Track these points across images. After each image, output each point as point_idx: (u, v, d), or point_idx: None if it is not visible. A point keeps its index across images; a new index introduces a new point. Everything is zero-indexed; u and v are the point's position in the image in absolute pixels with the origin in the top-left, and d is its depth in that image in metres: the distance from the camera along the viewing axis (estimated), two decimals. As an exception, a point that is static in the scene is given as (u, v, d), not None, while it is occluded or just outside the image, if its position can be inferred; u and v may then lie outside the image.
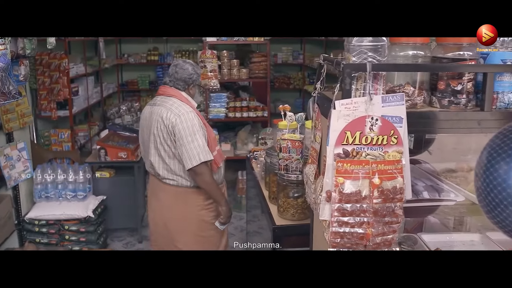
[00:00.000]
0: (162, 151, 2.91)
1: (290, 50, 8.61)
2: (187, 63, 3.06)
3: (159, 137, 2.89)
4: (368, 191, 1.46)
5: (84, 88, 6.18)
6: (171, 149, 2.88)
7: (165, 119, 2.83)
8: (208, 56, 5.02)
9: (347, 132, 1.45)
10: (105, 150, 4.58)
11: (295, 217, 2.76)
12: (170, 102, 2.91)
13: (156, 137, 2.90)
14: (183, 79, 2.98)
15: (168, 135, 2.85)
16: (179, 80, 2.97)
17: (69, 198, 4.26)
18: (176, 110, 2.85)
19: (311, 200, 1.95)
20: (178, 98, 2.93)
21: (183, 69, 2.99)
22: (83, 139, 6.15)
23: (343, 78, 1.43)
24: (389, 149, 1.47)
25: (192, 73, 2.99)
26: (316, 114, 1.87)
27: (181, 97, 2.95)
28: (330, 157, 1.47)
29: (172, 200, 3.00)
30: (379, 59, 1.48)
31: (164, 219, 3.05)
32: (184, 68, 2.99)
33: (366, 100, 1.44)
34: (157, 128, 2.88)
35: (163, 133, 2.86)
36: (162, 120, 2.85)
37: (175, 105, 2.88)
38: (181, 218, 3.00)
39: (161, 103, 2.93)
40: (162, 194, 3.03)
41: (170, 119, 2.82)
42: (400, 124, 1.47)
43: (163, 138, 2.87)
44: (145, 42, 8.32)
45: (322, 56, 1.85)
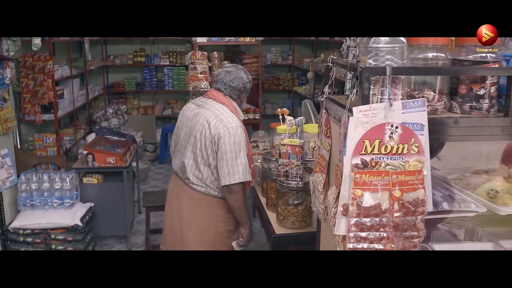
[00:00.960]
0: (199, 157, 2.76)
1: (279, 50, 8.52)
2: (241, 70, 2.91)
3: (200, 142, 2.73)
4: (388, 204, 1.36)
5: (70, 90, 5.99)
6: (209, 158, 2.74)
7: (213, 127, 2.68)
8: (198, 57, 4.90)
9: (365, 141, 1.35)
10: (93, 155, 4.42)
11: (296, 225, 2.66)
12: (220, 110, 2.75)
13: (197, 141, 2.75)
14: (239, 88, 2.85)
15: (211, 143, 2.70)
16: (235, 89, 2.84)
17: (56, 206, 4.09)
18: (226, 121, 2.70)
19: (318, 210, 1.85)
20: (229, 108, 2.78)
21: (239, 78, 2.85)
22: (68, 144, 5.96)
23: (361, 83, 1.33)
24: (410, 159, 1.37)
25: (247, 82, 2.87)
26: (325, 120, 1.77)
27: (231, 107, 2.80)
28: (347, 167, 1.36)
29: (194, 206, 2.87)
30: (398, 62, 1.38)
31: (181, 223, 2.92)
32: (240, 77, 2.85)
33: (386, 106, 1.34)
34: (201, 133, 2.73)
35: (206, 140, 2.71)
36: (209, 126, 2.70)
37: (225, 114, 2.73)
38: (198, 226, 2.88)
39: (210, 108, 2.77)
40: (185, 197, 2.89)
41: (218, 128, 2.67)
42: (421, 132, 1.37)
43: (204, 145, 2.73)
44: (132, 43, 8.15)
45: (330, 59, 1.74)
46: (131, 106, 8.25)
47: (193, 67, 4.89)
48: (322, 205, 1.79)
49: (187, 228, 2.90)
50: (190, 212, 2.88)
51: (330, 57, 1.76)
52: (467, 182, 1.95)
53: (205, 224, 2.87)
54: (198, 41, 5.13)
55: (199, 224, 2.88)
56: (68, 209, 4.11)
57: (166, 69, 8.19)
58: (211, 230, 2.87)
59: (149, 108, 8.36)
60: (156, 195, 4.55)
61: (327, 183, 1.76)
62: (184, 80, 8.11)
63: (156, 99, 8.52)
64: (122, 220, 4.60)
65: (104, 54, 8.13)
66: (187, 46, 8.30)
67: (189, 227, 2.90)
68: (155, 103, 8.46)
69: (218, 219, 2.87)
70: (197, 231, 2.88)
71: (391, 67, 1.32)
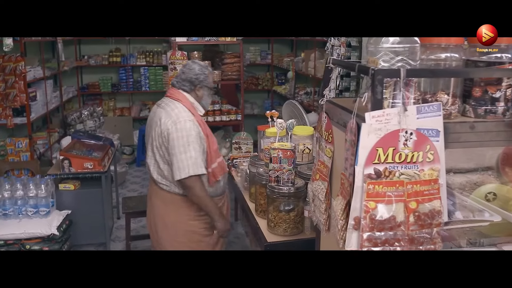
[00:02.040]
0: (157, 155, 2.80)
1: (258, 50, 8.40)
2: (195, 63, 2.92)
3: (155, 140, 2.77)
4: (403, 217, 1.26)
5: (43, 92, 5.74)
6: (165, 155, 2.76)
7: (163, 124, 2.71)
8: (178, 57, 4.75)
9: (378, 149, 1.25)
10: (69, 160, 4.22)
11: (287, 232, 2.55)
12: (172, 106, 2.76)
13: (153, 140, 2.79)
14: (188, 79, 2.83)
15: (163, 140, 2.73)
16: (185, 80, 2.83)
17: (30, 215, 3.88)
18: (175, 116, 2.70)
19: (319, 220, 1.74)
20: (183, 103, 2.78)
21: (190, 69, 2.85)
22: (42, 148, 5.71)
23: (373, 86, 1.22)
24: (425, 167, 1.28)
25: (199, 73, 2.84)
26: (326, 124, 1.66)
27: (186, 102, 2.80)
28: (359, 178, 1.26)
29: (163, 206, 2.88)
30: (411, 64, 1.29)
31: (155, 224, 2.93)
32: (191, 68, 2.85)
33: (400, 111, 1.24)
34: (155, 131, 2.77)
35: (159, 137, 2.74)
36: (160, 124, 2.73)
37: (176, 110, 2.73)
38: (170, 226, 2.87)
39: (164, 106, 2.79)
40: (155, 198, 2.92)
41: (166, 125, 2.70)
42: (437, 138, 1.28)
43: (159, 142, 2.76)
44: (107, 43, 7.89)
45: (331, 59, 1.64)
46: (106, 107, 8.01)
47: (173, 67, 4.74)
48: (324, 215, 1.69)
49: (161, 228, 2.90)
50: (161, 212, 2.89)
51: (329, 58, 1.65)
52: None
53: (177, 224, 2.85)
54: (178, 41, 4.97)
55: (171, 225, 2.86)
56: (44, 217, 3.91)
57: (142, 69, 7.98)
58: (183, 230, 2.85)
59: (125, 109, 8.14)
60: (136, 200, 4.39)
61: (329, 192, 1.66)
62: (161, 81, 7.92)
63: (133, 100, 8.30)
64: (101, 227, 4.43)
65: (78, 54, 7.86)
66: (164, 45, 8.10)
67: (162, 228, 2.90)
68: (131, 104, 8.23)
69: (189, 218, 2.84)
70: (169, 231, 2.87)
71: (405, 69, 1.22)
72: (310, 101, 6.23)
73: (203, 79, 2.84)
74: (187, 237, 2.85)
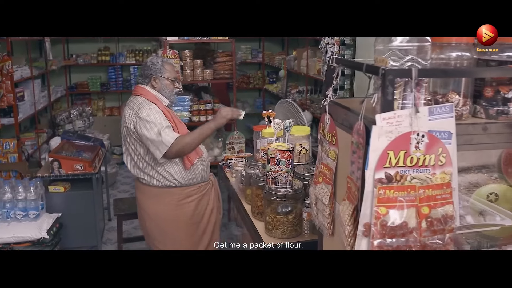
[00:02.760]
0: (130, 150, 2.91)
1: (249, 48, 8.34)
2: (151, 57, 3.11)
3: (126, 136, 2.89)
4: (415, 223, 1.21)
5: (30, 92, 5.62)
6: (136, 148, 2.87)
7: (128, 119, 2.82)
8: (169, 56, 4.67)
9: (389, 152, 1.20)
10: (59, 162, 4.12)
11: (286, 235, 2.50)
12: (134, 101, 2.87)
13: (124, 137, 2.91)
14: (143, 73, 2.95)
15: (131, 135, 2.83)
16: (141, 75, 2.96)
17: (19, 218, 3.78)
18: (136, 108, 2.81)
19: (323, 224, 1.69)
20: (145, 96, 2.87)
21: (144, 64, 2.99)
22: (30, 149, 5.60)
23: (384, 86, 1.17)
24: (437, 171, 1.23)
25: (150, 65, 2.93)
26: (330, 125, 1.61)
27: (148, 95, 2.89)
28: (370, 183, 1.21)
29: (144, 199, 3.00)
30: (422, 63, 1.24)
31: (143, 218, 3.06)
32: (145, 63, 3.00)
33: (411, 113, 1.19)
34: (124, 128, 2.89)
35: (128, 133, 2.85)
36: (125, 120, 2.85)
37: (137, 103, 2.84)
38: (155, 218, 2.97)
39: (128, 103, 2.91)
40: (138, 193, 3.06)
41: (131, 118, 2.80)
42: (449, 140, 1.23)
43: (128, 138, 2.87)
44: (95, 42, 7.77)
45: (334, 58, 1.58)
46: (96, 107, 7.89)
47: (165, 67, 4.65)
48: (328, 219, 1.64)
49: (148, 222, 3.01)
50: (145, 206, 3.00)
51: (333, 56, 1.60)
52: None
53: (161, 215, 2.94)
54: (169, 39, 4.89)
55: (156, 217, 2.96)
56: (33, 221, 3.81)
57: (132, 68, 7.87)
58: (168, 220, 2.93)
59: (115, 109, 8.02)
60: (128, 202, 4.29)
61: (334, 196, 1.60)
62: (151, 80, 7.82)
63: (122, 99, 8.18)
64: (92, 230, 4.33)
65: (66, 53, 7.73)
66: (154, 44, 8.00)
67: (148, 221, 3.00)
68: (121, 104, 8.12)
69: (172, 207, 2.92)
70: (156, 223, 2.97)
71: (417, 68, 1.17)
72: (302, 99, 6.18)
73: (155, 70, 2.90)
74: (173, 226, 2.94)
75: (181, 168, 2.88)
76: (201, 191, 2.99)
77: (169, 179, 2.88)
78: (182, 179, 2.90)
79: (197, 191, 2.97)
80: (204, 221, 3.04)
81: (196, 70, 5.03)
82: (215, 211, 3.12)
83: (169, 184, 2.89)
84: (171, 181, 2.89)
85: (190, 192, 2.94)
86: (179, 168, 2.88)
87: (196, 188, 2.96)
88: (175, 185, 2.90)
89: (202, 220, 3.02)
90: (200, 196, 2.99)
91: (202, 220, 3.02)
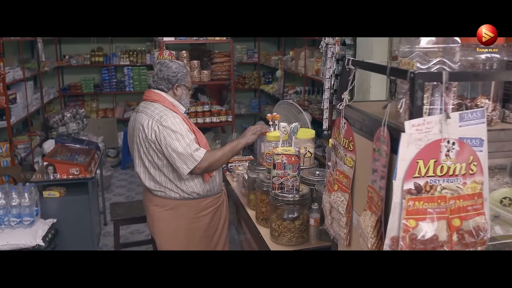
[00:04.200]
0: (146, 161, 2.71)
1: (244, 48, 8.26)
2: (172, 61, 2.83)
3: (142, 146, 2.68)
4: (446, 236, 1.14)
5: (23, 94, 5.49)
6: (154, 159, 2.67)
7: (146, 128, 2.61)
8: (166, 57, 4.57)
9: (419, 161, 1.12)
10: (54, 166, 4.01)
11: (292, 242, 2.42)
12: (152, 108, 2.66)
13: (139, 146, 2.70)
14: (165, 77, 2.73)
15: (150, 144, 2.63)
16: (162, 79, 2.74)
17: (13, 225, 3.67)
18: (157, 116, 2.60)
19: (338, 234, 1.62)
20: (162, 103, 2.68)
21: (167, 67, 2.75)
22: (23, 152, 5.47)
23: (413, 91, 1.10)
24: (468, 180, 1.16)
25: (176, 71, 2.75)
26: (346, 131, 1.54)
27: (165, 102, 2.70)
28: (398, 194, 1.13)
29: (160, 213, 2.79)
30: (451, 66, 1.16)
31: (156, 230, 2.85)
32: (168, 66, 2.76)
33: (441, 119, 1.12)
34: (139, 137, 2.67)
35: (145, 142, 2.65)
36: (143, 129, 2.63)
37: (156, 111, 2.63)
38: (169, 232, 2.80)
39: (143, 110, 2.69)
40: (151, 205, 2.83)
41: (151, 127, 2.60)
42: (480, 148, 1.16)
43: (145, 148, 2.67)
44: (88, 42, 7.65)
45: (350, 60, 1.51)
46: (89, 109, 7.76)
47: (161, 68, 4.55)
48: (345, 229, 1.56)
49: (160, 236, 2.83)
50: (159, 220, 2.80)
51: (349, 58, 1.52)
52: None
53: (176, 229, 2.78)
54: (165, 40, 4.79)
55: (170, 230, 2.79)
56: (28, 227, 3.70)
57: (126, 69, 7.76)
58: (183, 233, 2.78)
59: (109, 110, 7.90)
60: (125, 206, 4.19)
61: (351, 205, 1.53)
62: (145, 81, 7.72)
63: (116, 101, 8.07)
64: (88, 235, 4.23)
65: (59, 54, 7.59)
66: (148, 44, 7.90)
67: (161, 235, 2.83)
68: (115, 105, 8.01)
69: (188, 221, 2.78)
70: (170, 237, 2.80)
71: (448, 72, 1.10)
72: (300, 100, 6.11)
73: (181, 77, 2.76)
74: (188, 240, 2.79)
75: (200, 181, 2.74)
76: (216, 203, 2.87)
77: (188, 191, 2.73)
78: (201, 191, 2.77)
79: (213, 202, 2.84)
80: (218, 234, 2.91)
81: (193, 71, 4.94)
82: (226, 223, 3.01)
83: (187, 196, 2.74)
84: (190, 193, 2.74)
85: (207, 204, 2.81)
86: (198, 180, 2.73)
87: (212, 200, 2.84)
88: (193, 197, 2.76)
89: (216, 233, 2.90)
90: (216, 207, 2.87)
91: (216, 233, 2.90)
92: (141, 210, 3.53)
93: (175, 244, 2.78)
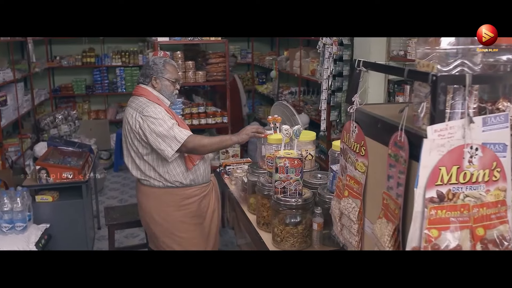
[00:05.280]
0: (132, 151, 2.88)
1: (238, 48, 8.21)
2: (153, 57, 3.02)
3: (127, 137, 2.86)
4: (469, 246, 1.09)
5: (13, 96, 5.39)
6: (138, 149, 2.83)
7: (131, 119, 2.79)
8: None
9: (441, 168, 1.07)
10: (47, 170, 3.92)
11: (295, 247, 2.37)
12: (136, 102, 2.83)
13: (125, 138, 2.88)
14: (144, 72, 2.91)
15: (134, 135, 2.79)
16: (142, 74, 2.93)
17: (5, 231, 3.57)
18: (140, 108, 2.77)
19: (349, 241, 1.57)
20: (146, 97, 2.83)
21: (146, 63, 2.98)
22: (14, 155, 5.36)
23: (435, 95, 1.05)
24: (491, 187, 1.11)
25: (151, 65, 2.89)
26: (357, 135, 1.48)
27: (150, 95, 2.85)
28: (419, 202, 1.08)
29: (146, 201, 2.94)
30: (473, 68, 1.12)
31: (146, 221, 3.01)
32: (146, 62, 2.99)
33: (464, 124, 1.07)
34: (125, 129, 2.86)
35: (130, 133, 2.83)
36: (128, 121, 2.81)
37: (140, 104, 2.80)
38: (158, 219, 2.93)
39: (130, 104, 2.88)
40: (139, 195, 3.00)
41: (136, 118, 2.76)
42: (504, 154, 1.11)
43: (130, 139, 2.84)
44: (79, 43, 7.54)
45: (360, 62, 1.46)
46: (81, 110, 7.65)
47: (156, 69, 4.48)
48: (356, 237, 1.51)
49: (152, 224, 2.95)
50: (146, 208, 2.94)
51: (359, 60, 1.47)
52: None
53: (164, 216, 2.90)
54: (159, 40, 4.72)
55: (159, 218, 2.91)
56: (21, 233, 3.60)
57: (118, 70, 7.66)
58: (170, 221, 2.90)
59: (101, 112, 7.79)
60: (119, 210, 4.11)
61: (363, 211, 1.48)
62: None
63: (108, 102, 7.97)
64: (82, 240, 4.14)
65: (50, 55, 7.47)
66: (140, 45, 7.80)
67: (152, 223, 2.95)
68: (107, 107, 7.90)
69: (173, 209, 2.89)
70: (159, 224, 2.92)
71: (471, 74, 1.05)
72: (295, 101, 6.06)
73: (157, 70, 2.87)
74: (176, 227, 2.91)
75: (183, 169, 2.85)
76: (202, 192, 2.96)
77: (171, 180, 2.84)
78: (184, 179, 2.87)
79: (198, 191, 2.94)
80: (207, 222, 3.02)
81: (188, 72, 4.87)
82: (216, 213, 3.11)
83: (170, 185, 2.85)
84: (173, 182, 2.85)
85: (192, 193, 2.91)
86: (181, 169, 2.85)
87: (197, 189, 2.93)
88: (176, 186, 2.86)
89: (205, 221, 3.00)
90: (201, 197, 2.96)
91: (205, 221, 3.00)
92: (136, 214, 3.47)
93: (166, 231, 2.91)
